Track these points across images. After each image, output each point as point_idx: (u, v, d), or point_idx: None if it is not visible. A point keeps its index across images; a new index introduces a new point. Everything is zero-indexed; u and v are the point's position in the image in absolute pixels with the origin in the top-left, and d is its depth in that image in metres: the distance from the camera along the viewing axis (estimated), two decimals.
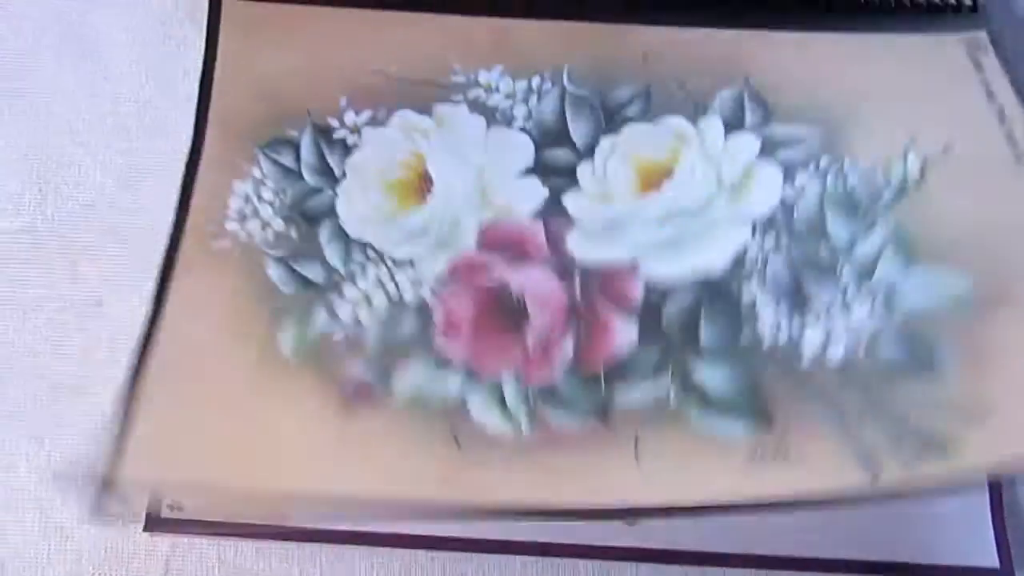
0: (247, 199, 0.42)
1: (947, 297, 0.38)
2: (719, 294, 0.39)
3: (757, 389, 0.37)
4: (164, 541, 0.39)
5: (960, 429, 0.36)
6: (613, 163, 0.41)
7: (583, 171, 0.41)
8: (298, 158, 0.42)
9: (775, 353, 0.38)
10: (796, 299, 0.38)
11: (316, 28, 0.45)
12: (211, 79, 0.44)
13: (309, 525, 0.38)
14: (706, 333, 0.38)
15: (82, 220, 0.43)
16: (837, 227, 0.40)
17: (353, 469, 0.36)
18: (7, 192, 0.43)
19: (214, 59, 0.44)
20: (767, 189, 0.40)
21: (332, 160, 0.42)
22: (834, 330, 0.38)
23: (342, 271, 0.40)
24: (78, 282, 0.42)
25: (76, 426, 0.40)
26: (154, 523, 0.38)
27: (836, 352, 0.37)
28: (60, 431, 0.40)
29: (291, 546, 0.39)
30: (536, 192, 0.41)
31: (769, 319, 0.38)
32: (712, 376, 0.37)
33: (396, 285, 0.40)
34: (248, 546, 0.39)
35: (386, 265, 0.40)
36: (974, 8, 0.45)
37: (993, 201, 0.40)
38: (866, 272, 0.39)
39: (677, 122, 0.42)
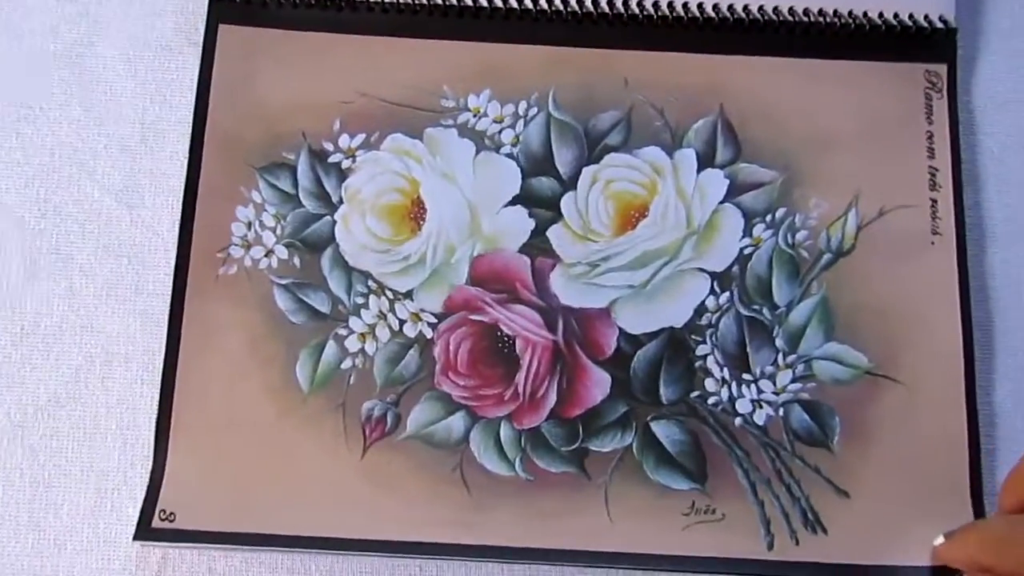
0: (249, 225, 0.44)
1: (847, 372, 0.43)
2: (679, 348, 0.43)
3: (697, 445, 0.42)
4: (155, 551, 0.41)
5: (833, 507, 0.41)
6: (594, 195, 0.45)
7: (567, 203, 0.44)
8: (295, 183, 0.45)
9: (716, 410, 0.43)
10: (739, 359, 0.43)
11: (310, 53, 0.46)
12: (207, 103, 0.45)
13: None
14: (665, 390, 0.43)
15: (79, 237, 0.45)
16: (780, 289, 0.44)
17: (371, 509, 0.41)
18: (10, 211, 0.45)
19: (209, 83, 0.45)
20: (728, 239, 0.44)
21: (328, 185, 0.45)
22: (763, 395, 0.43)
23: (347, 302, 0.43)
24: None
25: (71, 439, 0.43)
26: (145, 533, 0.41)
27: (760, 417, 0.43)
28: (56, 444, 0.43)
29: (280, 556, 0.42)
30: (523, 224, 0.44)
31: (716, 375, 0.43)
32: (665, 431, 0.42)
33: (397, 317, 0.43)
34: (238, 556, 0.42)
35: (386, 296, 0.43)
36: (946, 34, 0.47)
37: (902, 278, 0.44)
38: (794, 341, 0.43)
39: (654, 154, 0.45)
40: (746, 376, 0.43)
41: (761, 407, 0.43)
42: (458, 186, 0.45)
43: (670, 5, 0.47)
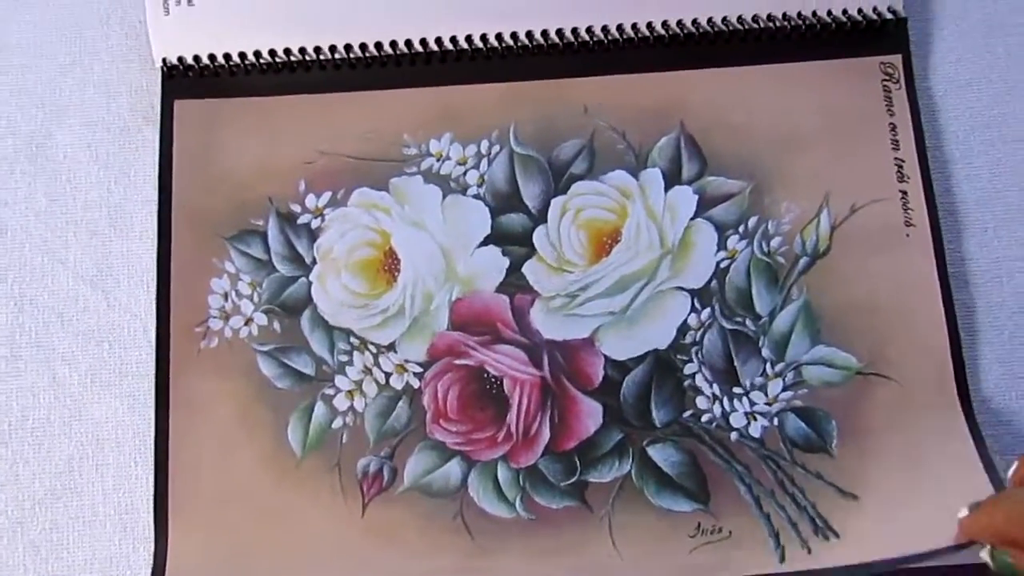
0: (226, 295, 0.44)
1: (838, 375, 0.43)
2: (666, 369, 0.43)
3: (696, 465, 0.42)
4: None
5: (842, 511, 0.41)
6: (565, 226, 0.45)
7: (539, 237, 0.44)
8: (267, 248, 0.45)
9: (711, 427, 0.42)
10: (727, 374, 0.43)
11: (267, 118, 0.46)
12: (170, 179, 0.45)
13: None
14: (657, 412, 0.42)
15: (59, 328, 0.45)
16: (760, 298, 0.44)
17: (377, 566, 0.40)
18: None
19: (171, 159, 0.45)
20: (704, 254, 0.44)
21: (300, 247, 0.45)
22: (756, 406, 0.43)
23: (331, 362, 0.43)
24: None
25: (71, 530, 0.42)
26: None
27: (756, 429, 0.42)
28: (57, 536, 0.42)
29: None
30: (498, 263, 0.44)
31: (706, 392, 0.43)
32: (662, 454, 0.42)
33: (383, 371, 0.43)
34: None
35: (369, 351, 0.43)
36: (897, 24, 0.47)
37: (881, 274, 0.44)
38: (780, 348, 0.43)
39: (621, 178, 0.45)
40: (736, 390, 0.43)
41: (755, 419, 0.42)
42: (429, 233, 0.45)
43: (619, 28, 0.47)
